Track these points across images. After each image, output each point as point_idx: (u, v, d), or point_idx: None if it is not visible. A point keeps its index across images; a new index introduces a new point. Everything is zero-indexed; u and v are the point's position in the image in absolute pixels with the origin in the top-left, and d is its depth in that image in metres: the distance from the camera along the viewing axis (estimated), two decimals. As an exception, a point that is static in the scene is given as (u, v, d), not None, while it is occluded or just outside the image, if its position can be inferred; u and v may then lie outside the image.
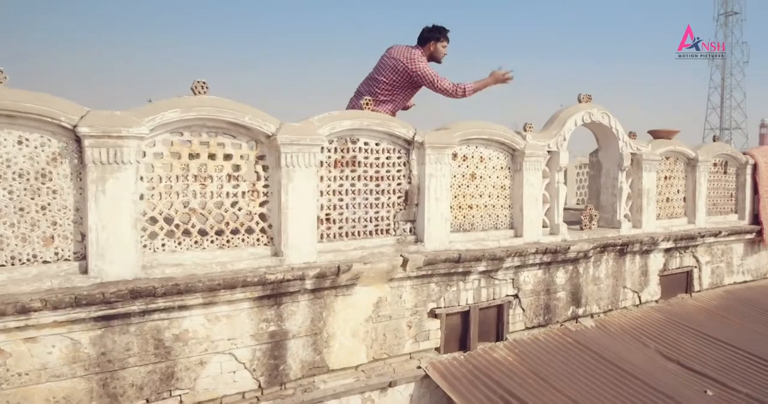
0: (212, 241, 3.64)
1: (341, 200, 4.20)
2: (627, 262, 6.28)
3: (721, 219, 7.55)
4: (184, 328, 3.44)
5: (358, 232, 4.29)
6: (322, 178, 4.09)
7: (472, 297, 4.92)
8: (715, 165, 7.52)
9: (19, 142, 3.03)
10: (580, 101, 5.86)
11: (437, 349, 4.71)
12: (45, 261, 3.13)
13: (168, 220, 3.48)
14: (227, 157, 3.68)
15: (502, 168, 5.23)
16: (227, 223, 3.69)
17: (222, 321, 3.58)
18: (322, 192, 4.10)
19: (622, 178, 6.24)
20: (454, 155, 4.88)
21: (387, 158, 4.44)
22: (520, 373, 4.62)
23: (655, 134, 6.89)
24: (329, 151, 4.12)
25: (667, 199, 6.91)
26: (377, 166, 4.38)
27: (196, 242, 3.58)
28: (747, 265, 7.95)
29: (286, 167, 3.78)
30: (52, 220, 3.14)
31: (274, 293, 3.72)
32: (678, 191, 7.05)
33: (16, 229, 3.04)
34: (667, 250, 6.71)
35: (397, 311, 4.41)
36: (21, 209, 3.05)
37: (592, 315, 5.94)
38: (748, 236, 7.76)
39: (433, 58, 5.03)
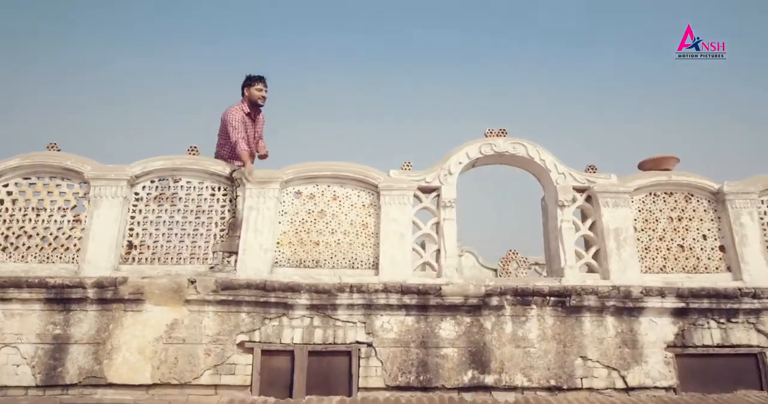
0: (35, 257, 4.64)
1: (158, 230, 4.79)
2: (587, 324, 4.67)
3: (833, 282, 4.93)
4: (-17, 319, 4.35)
5: (171, 258, 4.71)
6: (140, 210, 4.83)
7: (300, 337, 4.50)
8: (792, 202, 5.25)
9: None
10: (486, 136, 5.30)
11: (249, 388, 4.35)
12: None
13: (2, 239, 4.67)
14: (62, 193, 4.84)
15: (363, 206, 5.02)
16: (50, 243, 4.69)
17: (15, 318, 4.37)
18: (139, 222, 4.80)
19: (563, 216, 5.01)
20: (298, 193, 5.02)
21: (211, 195, 4.93)
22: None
23: (643, 165, 5.42)
24: (148, 188, 4.90)
25: (681, 246, 5.05)
26: (200, 201, 4.90)
27: (22, 257, 4.64)
28: None
29: (93, 197, 4.71)
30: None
31: (60, 297, 4.38)
32: (704, 237, 5.10)
33: None
34: (680, 313, 4.72)
35: (195, 336, 4.42)
36: None
37: (513, 388, 4.46)
38: None
39: (252, 101, 5.49)
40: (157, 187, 4.93)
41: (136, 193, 4.89)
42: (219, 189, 4.97)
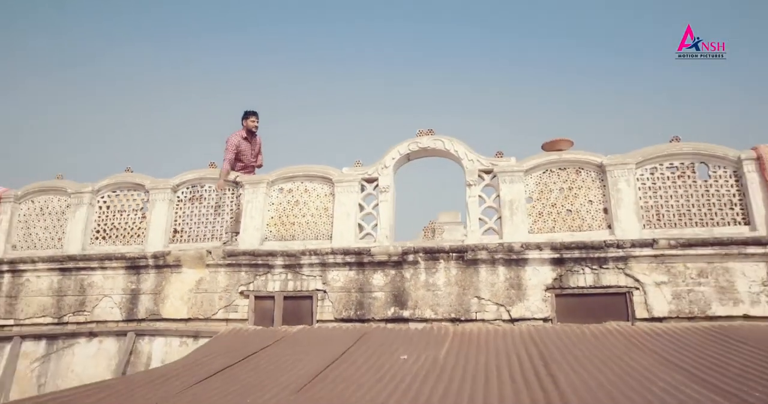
0: (120, 241, 7.25)
1: (191, 220, 7.17)
2: (482, 272, 6.19)
3: (701, 232, 5.92)
4: (92, 280, 7.01)
5: (199, 238, 7.05)
6: (180, 207, 7.24)
7: (279, 286, 6.58)
8: (673, 168, 6.25)
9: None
10: (417, 135, 6.97)
11: (247, 321, 6.53)
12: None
13: (101, 230, 7.34)
14: (134, 200, 7.41)
15: (325, 195, 6.97)
16: (128, 232, 7.27)
17: (110, 279, 6.98)
18: (180, 215, 7.21)
19: (470, 193, 6.53)
20: (281, 189, 7.11)
21: (224, 194, 7.20)
22: (276, 345, 5.90)
23: (543, 147, 6.70)
24: (184, 192, 7.29)
25: (569, 210, 6.33)
26: (216, 199, 7.19)
27: (113, 241, 7.27)
28: (786, 295, 5.55)
29: (151, 201, 7.20)
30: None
31: (134, 265, 6.91)
32: (591, 202, 6.32)
33: (52, 234, 7.51)
34: (558, 262, 6.05)
35: (213, 287, 6.70)
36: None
37: (425, 320, 6.13)
38: (754, 249, 5.65)
39: (248, 129, 7.58)
40: (190, 191, 7.32)
41: (178, 197, 7.31)
42: (229, 189, 7.22)
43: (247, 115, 7.67)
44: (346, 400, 3.48)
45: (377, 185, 6.83)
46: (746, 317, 5.57)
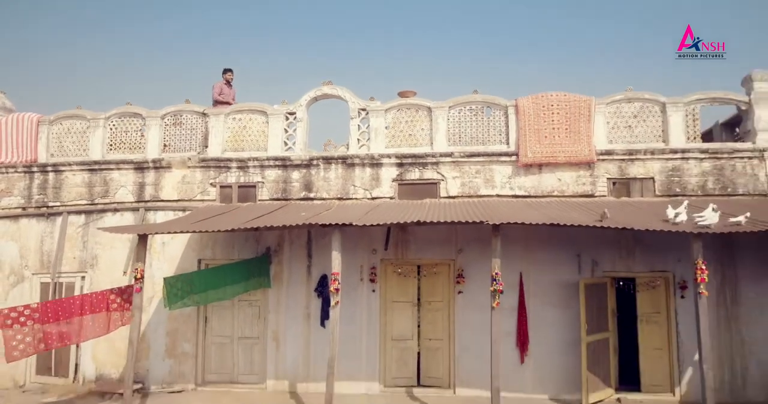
0: (128, 152, 11.09)
1: (176, 137, 11.02)
2: (357, 171, 10.44)
3: (481, 148, 10.26)
4: (112, 176, 10.92)
5: (182, 149, 10.96)
6: (167, 130, 11.05)
7: (235, 180, 10.69)
8: (472, 110, 10.46)
9: (82, 124, 11.31)
10: (322, 85, 10.86)
11: (215, 201, 10.67)
12: (84, 156, 11.20)
13: (114, 144, 11.14)
14: (134, 124, 11.16)
15: (263, 122, 10.91)
16: (133, 145, 11.08)
17: (124, 176, 10.89)
18: (167, 135, 11.03)
19: (352, 123, 10.63)
20: (234, 118, 10.99)
21: (195, 120, 11.04)
22: (234, 211, 10.09)
23: (399, 94, 10.76)
24: (169, 119, 11.07)
25: (410, 134, 10.54)
26: (192, 124, 11.03)
27: (122, 151, 11.10)
28: (519, 183, 10.06)
29: (147, 126, 10.98)
30: (87, 144, 11.26)
31: (140, 167, 10.81)
32: (422, 129, 10.53)
33: (79, 147, 11.25)
34: (400, 165, 10.33)
35: (192, 181, 10.74)
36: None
37: (323, 199, 10.44)
38: (505, 158, 10.07)
39: (226, 80, 11.34)
40: (173, 118, 11.10)
41: (165, 122, 11.09)
42: (200, 118, 11.05)
43: (225, 71, 11.39)
44: (266, 220, 7.78)
45: (296, 117, 10.81)
46: (498, 196, 10.09)
